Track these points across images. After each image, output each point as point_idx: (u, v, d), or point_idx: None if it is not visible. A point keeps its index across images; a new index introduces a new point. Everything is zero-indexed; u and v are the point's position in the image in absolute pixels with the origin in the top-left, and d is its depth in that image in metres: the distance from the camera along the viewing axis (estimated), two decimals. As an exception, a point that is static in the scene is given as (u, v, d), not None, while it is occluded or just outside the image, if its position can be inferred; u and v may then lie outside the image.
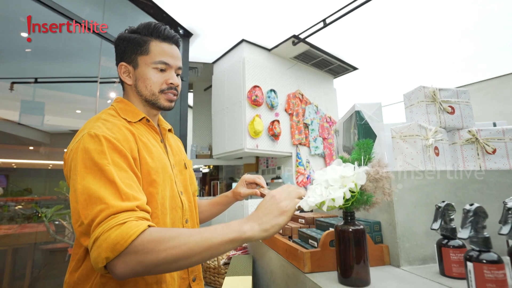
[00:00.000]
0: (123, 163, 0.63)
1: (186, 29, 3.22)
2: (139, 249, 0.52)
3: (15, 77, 3.61)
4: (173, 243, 0.53)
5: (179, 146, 0.96)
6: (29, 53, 3.48)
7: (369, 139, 0.66)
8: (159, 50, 0.78)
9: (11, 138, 3.89)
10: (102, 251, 0.52)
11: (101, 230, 0.53)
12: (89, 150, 0.61)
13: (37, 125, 4.00)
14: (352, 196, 0.57)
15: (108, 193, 0.57)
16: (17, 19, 2.89)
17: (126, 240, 0.52)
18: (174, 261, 0.53)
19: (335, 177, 0.58)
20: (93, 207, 0.56)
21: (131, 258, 0.52)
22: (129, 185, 0.61)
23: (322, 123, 3.97)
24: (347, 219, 0.60)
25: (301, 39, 3.24)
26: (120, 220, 0.54)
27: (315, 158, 3.82)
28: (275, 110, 3.49)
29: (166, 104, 0.81)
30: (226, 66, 3.65)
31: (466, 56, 4.06)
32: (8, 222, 3.37)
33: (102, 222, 0.54)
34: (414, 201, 0.73)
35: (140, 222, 0.56)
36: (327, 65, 4.00)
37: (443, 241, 0.63)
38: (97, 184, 0.58)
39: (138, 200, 0.59)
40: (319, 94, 4.10)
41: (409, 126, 0.82)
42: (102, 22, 2.58)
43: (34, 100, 4.05)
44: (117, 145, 0.64)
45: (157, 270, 0.54)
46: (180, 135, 3.22)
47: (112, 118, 0.73)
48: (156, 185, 0.70)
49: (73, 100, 4.22)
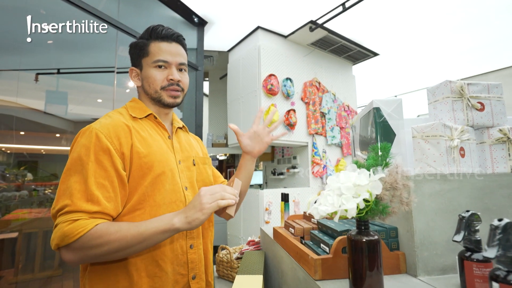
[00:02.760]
0: (106, 160, 0.69)
1: (201, 17, 3.17)
2: (84, 245, 0.62)
3: (39, 68, 3.75)
4: (113, 238, 0.63)
5: (191, 143, 0.96)
6: (51, 45, 3.58)
7: (386, 143, 0.61)
8: (157, 49, 0.82)
9: (39, 126, 4.10)
10: (55, 237, 0.62)
11: (59, 220, 0.63)
12: (80, 144, 0.69)
13: (61, 114, 4.18)
14: (367, 205, 0.54)
15: (78, 190, 0.65)
16: (37, 11, 2.96)
17: (74, 236, 0.61)
18: (114, 252, 0.64)
19: (348, 185, 0.54)
20: (63, 199, 0.65)
21: (77, 251, 0.62)
22: (101, 185, 0.67)
23: (340, 112, 3.85)
24: (361, 228, 0.57)
25: (318, 25, 3.11)
26: (75, 217, 0.63)
27: (332, 148, 3.74)
28: (291, 99, 3.41)
29: (170, 100, 0.83)
30: (241, 54, 3.58)
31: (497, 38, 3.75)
32: (38, 206, 3.58)
33: (63, 214, 0.64)
34: (435, 208, 0.68)
35: (90, 220, 0.64)
36: (346, 51, 3.84)
37: (466, 253, 0.58)
38: (74, 179, 0.66)
39: (100, 206, 0.66)
40: (337, 81, 3.96)
41: (432, 126, 0.76)
42: (118, 13, 2.58)
43: (58, 90, 4.21)
44: (104, 142, 0.69)
45: (100, 259, 0.65)
46: (196, 125, 3.23)
47: (116, 115, 0.78)
48: (147, 178, 0.74)
49: (94, 90, 4.35)
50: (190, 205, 0.68)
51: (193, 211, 0.66)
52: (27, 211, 3.38)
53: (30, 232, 3.18)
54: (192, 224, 0.66)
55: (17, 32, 3.21)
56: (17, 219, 3.20)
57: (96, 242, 0.62)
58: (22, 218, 3.25)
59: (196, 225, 0.66)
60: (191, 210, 0.66)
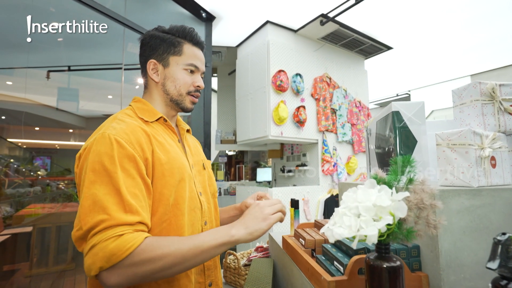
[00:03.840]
0: (132, 168, 0.63)
1: (209, 12, 3.10)
2: (135, 262, 0.55)
3: (51, 66, 3.79)
4: (167, 252, 0.56)
5: (197, 146, 0.94)
6: (62, 42, 3.60)
7: (409, 155, 0.54)
8: (191, 53, 0.80)
9: (52, 122, 4.17)
10: (97, 259, 0.53)
11: (98, 239, 0.55)
12: (100, 153, 0.62)
13: (73, 110, 4.23)
14: (388, 228, 0.48)
15: (112, 203, 0.58)
16: (47, 9, 2.95)
17: (123, 253, 0.54)
18: (169, 268, 0.57)
19: (367, 205, 0.48)
20: (95, 215, 0.57)
21: (126, 270, 0.55)
22: (134, 195, 0.61)
23: (351, 108, 3.74)
24: (381, 252, 0.51)
25: (330, 18, 3.00)
26: (118, 231, 0.56)
27: (343, 145, 3.65)
28: (300, 95, 3.33)
29: (190, 106, 0.83)
30: (250, 50, 3.51)
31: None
32: (50, 201, 3.64)
33: (102, 231, 0.56)
34: (464, 226, 0.61)
35: (137, 234, 0.57)
36: (358, 45, 3.71)
37: (501, 281, 0.51)
38: (103, 191, 0.59)
39: (140, 216, 0.60)
40: (348, 76, 3.84)
41: (459, 133, 0.69)
42: (125, 10, 2.54)
43: (69, 87, 4.27)
44: (128, 149, 0.64)
45: (151, 278, 0.58)
46: (204, 122, 3.20)
47: (128, 118, 0.72)
48: (169, 187, 0.69)
49: (104, 86, 4.38)
50: (249, 216, 0.65)
51: (255, 222, 0.64)
52: (41, 206, 3.44)
53: (44, 227, 3.25)
54: (253, 235, 0.63)
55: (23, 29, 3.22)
56: (31, 214, 3.26)
57: (148, 256, 0.55)
58: (36, 214, 3.31)
59: (257, 236, 0.63)
60: (252, 220, 0.64)
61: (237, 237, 0.61)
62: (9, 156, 4.14)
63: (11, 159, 4.16)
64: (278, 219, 0.66)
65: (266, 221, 0.64)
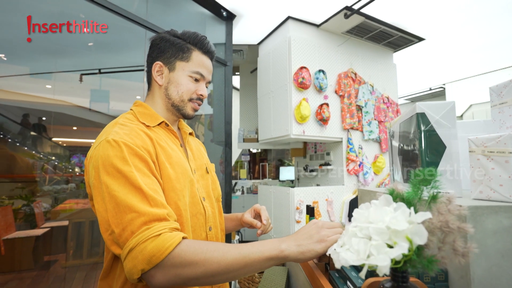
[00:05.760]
0: (145, 168, 0.63)
1: (229, 11, 3.08)
2: (176, 262, 0.53)
3: (83, 69, 4.03)
4: (210, 257, 0.54)
5: (200, 150, 0.92)
6: (92, 47, 3.79)
7: (433, 168, 0.47)
8: (199, 61, 0.80)
9: (87, 122, 4.45)
10: (137, 262, 0.53)
11: (136, 241, 0.54)
12: (110, 157, 0.61)
13: (104, 110, 4.48)
14: (405, 255, 0.41)
15: (137, 200, 0.57)
16: (77, 15, 3.10)
17: (162, 253, 0.52)
18: (211, 276, 0.54)
19: (380, 228, 0.42)
20: (123, 215, 0.56)
21: (168, 270, 0.53)
22: (155, 191, 0.60)
23: (378, 105, 3.55)
24: (397, 281, 0.44)
25: (354, 11, 2.84)
26: (155, 231, 0.54)
27: (369, 143, 3.48)
28: (323, 92, 3.21)
29: (191, 112, 0.82)
30: (271, 47, 3.44)
31: None
32: (84, 197, 3.87)
33: (137, 233, 0.54)
34: (502, 249, 0.52)
35: (175, 233, 0.56)
36: (386, 37, 3.50)
37: (549, 321, 0.43)
38: (123, 191, 0.58)
39: (166, 208, 0.59)
40: (375, 71, 3.64)
41: (498, 138, 0.59)
42: (146, 13, 2.59)
43: (100, 89, 4.53)
44: (136, 150, 0.63)
45: (193, 283, 0.55)
46: (225, 121, 3.20)
47: (129, 123, 0.72)
48: (177, 191, 0.68)
49: (132, 87, 4.58)
50: (304, 234, 0.60)
51: (309, 241, 0.58)
52: (75, 202, 3.68)
53: (78, 221, 3.46)
54: (305, 255, 0.57)
55: (60, 36, 3.41)
56: (66, 209, 3.50)
57: (191, 259, 0.54)
58: (71, 209, 3.54)
59: (309, 257, 0.58)
60: (306, 239, 0.59)
61: (286, 253, 0.57)
62: (50, 153, 4.47)
63: (52, 157, 4.48)
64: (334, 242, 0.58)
65: (322, 243, 0.58)
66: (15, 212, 3.36)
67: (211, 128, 3.50)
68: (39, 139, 4.49)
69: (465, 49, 4.03)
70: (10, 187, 4.11)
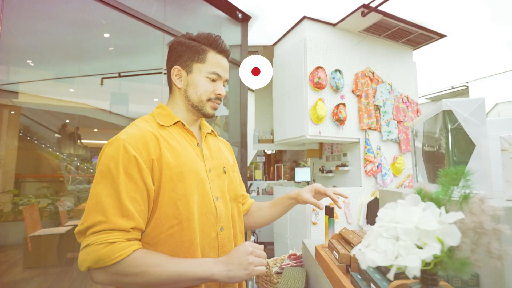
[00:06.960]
0: (135, 173, 0.67)
1: (244, 13, 3.10)
2: (119, 270, 0.60)
3: (103, 73, 4.17)
4: (149, 272, 0.61)
5: (220, 149, 0.92)
6: (112, 51, 3.92)
7: (464, 166, 0.45)
8: (215, 61, 0.81)
9: (107, 124, 4.61)
10: (87, 259, 0.60)
11: (93, 241, 0.60)
12: (108, 156, 0.67)
13: (124, 113, 4.61)
14: (435, 257, 0.39)
15: (112, 205, 0.63)
16: (98, 21, 3.22)
17: (110, 260, 0.59)
18: (146, 286, 0.63)
19: (408, 228, 0.40)
20: (95, 215, 0.62)
21: (110, 274, 0.61)
22: (133, 199, 0.65)
23: (397, 104, 3.45)
24: (426, 283, 0.43)
25: (372, 8, 2.79)
26: (111, 239, 0.60)
27: (388, 144, 3.39)
28: (340, 92, 3.16)
29: (211, 111, 0.84)
30: (286, 48, 3.43)
31: None
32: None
33: (97, 233, 0.61)
34: (539, 253, 0.49)
35: (128, 243, 0.62)
36: (405, 35, 3.40)
37: None
38: (106, 192, 0.64)
39: (135, 221, 0.64)
40: (393, 70, 3.55)
41: (533, 136, 0.56)
42: (164, 16, 2.65)
43: (120, 92, 4.66)
44: (132, 153, 0.67)
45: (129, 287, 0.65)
46: (240, 123, 3.21)
47: (143, 123, 0.76)
48: (178, 190, 0.70)
49: (150, 90, 4.69)
50: (236, 259, 0.66)
51: (238, 269, 0.65)
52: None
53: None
54: (231, 280, 0.65)
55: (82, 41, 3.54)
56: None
57: (132, 271, 0.61)
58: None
59: (234, 281, 0.66)
60: (236, 266, 0.65)
61: (216, 278, 0.65)
62: (73, 155, 4.66)
63: (75, 158, 4.66)
64: (259, 273, 0.66)
65: (247, 270, 0.65)
66: (41, 211, 3.51)
67: (226, 129, 3.52)
68: (62, 141, 4.67)
69: (490, 45, 3.86)
70: (37, 187, 4.30)
